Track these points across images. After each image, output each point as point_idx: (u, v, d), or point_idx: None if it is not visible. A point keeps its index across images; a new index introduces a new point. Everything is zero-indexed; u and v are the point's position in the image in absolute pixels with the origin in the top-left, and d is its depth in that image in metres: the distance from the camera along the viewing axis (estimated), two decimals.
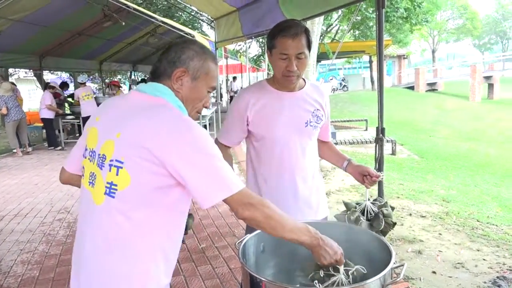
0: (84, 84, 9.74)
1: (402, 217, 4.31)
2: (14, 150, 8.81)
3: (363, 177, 1.74)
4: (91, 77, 23.12)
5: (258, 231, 1.46)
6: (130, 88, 15.90)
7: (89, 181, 1.19)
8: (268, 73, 16.92)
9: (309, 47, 1.62)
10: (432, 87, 27.44)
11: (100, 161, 1.15)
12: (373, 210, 1.63)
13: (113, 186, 1.11)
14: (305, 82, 1.79)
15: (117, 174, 1.11)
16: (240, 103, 1.75)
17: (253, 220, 1.15)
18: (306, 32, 1.61)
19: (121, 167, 1.10)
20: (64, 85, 11.76)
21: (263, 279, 1.15)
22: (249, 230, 1.79)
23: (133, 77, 17.17)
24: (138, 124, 1.12)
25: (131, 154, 1.09)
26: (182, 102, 1.24)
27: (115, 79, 17.33)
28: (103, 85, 14.78)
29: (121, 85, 13.97)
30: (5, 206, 5.05)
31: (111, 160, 1.12)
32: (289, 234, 1.16)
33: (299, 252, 1.51)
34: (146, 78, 16.45)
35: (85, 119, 8.76)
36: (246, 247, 1.37)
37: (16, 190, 5.83)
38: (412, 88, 26.71)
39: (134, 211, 1.11)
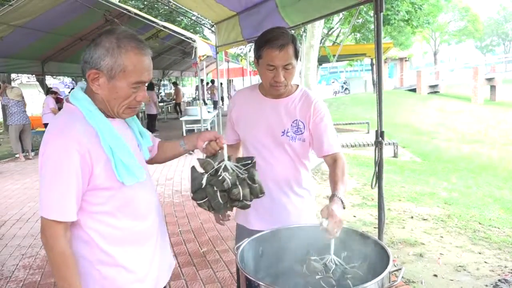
0: None
1: (403, 220, 4.30)
2: (17, 155, 8.85)
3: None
4: None
5: (257, 235, 1.46)
6: None
7: None
8: None
9: (296, 56, 1.59)
10: (434, 89, 27.44)
11: None
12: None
13: None
14: (296, 89, 1.73)
15: None
16: (230, 103, 1.87)
17: (44, 245, 1.19)
18: (294, 41, 1.57)
19: None
20: None
21: (260, 283, 1.15)
22: (240, 235, 1.79)
23: None
24: None
25: None
26: (105, 103, 1.18)
27: None
28: None
29: None
30: (7, 211, 5.07)
31: None
32: (58, 280, 1.16)
33: (298, 256, 1.52)
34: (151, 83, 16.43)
35: None
36: (244, 251, 1.37)
37: (18, 195, 5.85)
38: (414, 90, 26.70)
39: None
